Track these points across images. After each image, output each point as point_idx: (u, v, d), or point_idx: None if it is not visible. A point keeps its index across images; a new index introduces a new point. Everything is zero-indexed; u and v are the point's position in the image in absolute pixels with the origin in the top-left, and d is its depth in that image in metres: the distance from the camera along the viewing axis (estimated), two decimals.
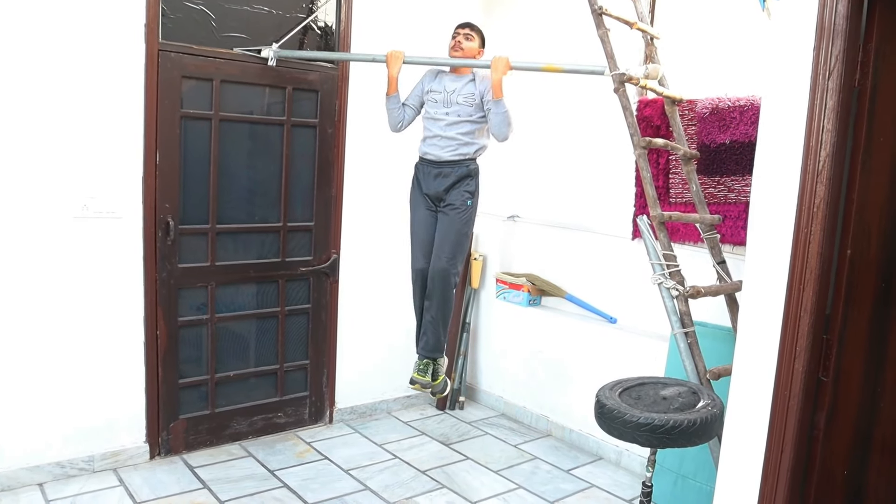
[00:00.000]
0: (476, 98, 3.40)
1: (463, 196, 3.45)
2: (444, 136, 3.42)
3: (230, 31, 3.62)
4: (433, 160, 3.46)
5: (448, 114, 3.42)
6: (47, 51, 3.09)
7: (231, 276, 3.82)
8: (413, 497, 3.45)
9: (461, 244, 3.49)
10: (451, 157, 3.42)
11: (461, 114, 3.41)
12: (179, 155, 3.53)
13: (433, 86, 3.50)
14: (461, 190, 3.45)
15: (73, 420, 3.38)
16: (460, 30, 3.52)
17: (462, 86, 3.43)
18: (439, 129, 3.43)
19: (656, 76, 3.23)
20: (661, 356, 3.60)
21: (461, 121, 3.41)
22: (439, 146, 3.43)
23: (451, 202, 3.44)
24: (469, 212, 3.48)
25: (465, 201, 3.46)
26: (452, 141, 3.41)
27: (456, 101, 3.42)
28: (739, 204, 3.32)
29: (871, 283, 2.03)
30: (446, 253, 3.43)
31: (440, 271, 3.43)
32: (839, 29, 1.88)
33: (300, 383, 4.18)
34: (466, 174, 3.45)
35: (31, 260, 3.17)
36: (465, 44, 3.48)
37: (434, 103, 3.47)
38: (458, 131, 3.41)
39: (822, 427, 2.04)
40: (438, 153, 3.44)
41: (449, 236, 3.44)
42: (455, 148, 3.41)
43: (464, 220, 3.46)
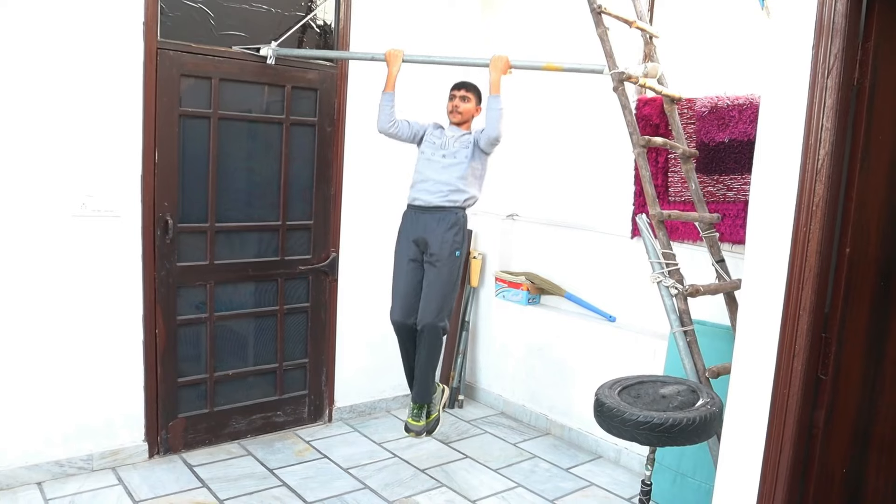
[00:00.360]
0: (471, 140, 3.44)
1: (451, 247, 3.44)
2: (436, 178, 3.42)
3: (229, 29, 3.62)
4: (422, 205, 3.45)
5: (444, 156, 3.44)
6: (46, 49, 3.09)
7: (230, 274, 3.82)
8: (412, 496, 3.45)
9: (449, 298, 3.50)
10: (441, 203, 3.42)
11: (457, 156, 3.43)
12: (178, 153, 3.53)
13: (435, 133, 3.53)
14: (449, 240, 3.42)
15: (71, 419, 3.37)
16: (456, 91, 3.54)
17: (460, 135, 3.48)
18: (433, 172, 3.44)
19: (655, 75, 3.23)
20: (661, 354, 3.60)
21: (456, 163, 3.42)
22: (430, 191, 3.43)
23: (438, 253, 3.42)
24: (457, 264, 3.49)
25: (452, 252, 3.45)
26: (444, 186, 3.41)
27: (452, 144, 3.45)
28: (738, 202, 3.32)
29: (870, 281, 2.03)
30: (434, 308, 3.44)
31: (429, 327, 3.44)
32: (838, 27, 1.88)
33: (299, 382, 4.18)
34: (454, 222, 3.44)
35: (29, 258, 3.17)
36: (463, 106, 3.50)
37: (432, 145, 3.49)
38: (451, 175, 3.42)
39: (821, 425, 2.04)
40: (428, 198, 3.43)
41: (436, 291, 3.44)
42: (445, 193, 3.41)
43: (451, 273, 3.47)
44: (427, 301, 3.45)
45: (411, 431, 3.57)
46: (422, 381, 3.54)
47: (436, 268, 3.42)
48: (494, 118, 3.33)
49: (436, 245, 3.41)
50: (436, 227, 3.41)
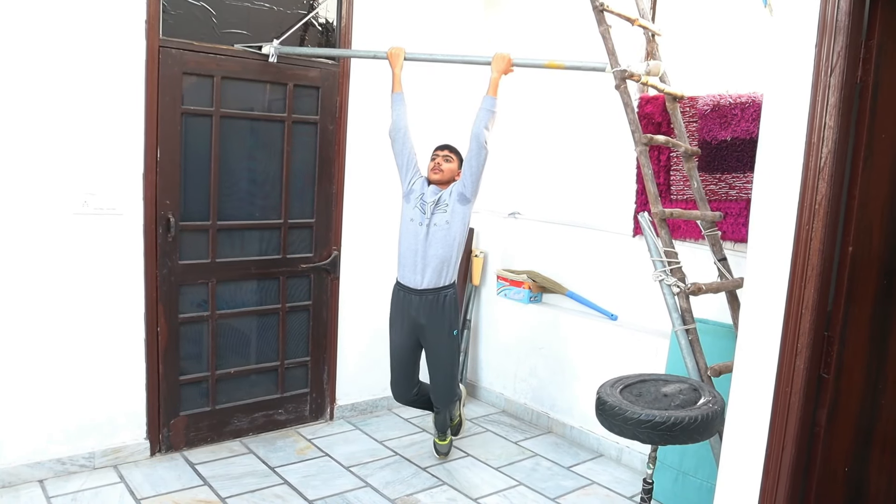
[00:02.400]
0: (451, 195, 3.47)
1: (448, 329, 3.54)
2: (424, 263, 3.46)
3: (231, 27, 3.62)
4: (413, 287, 3.51)
5: (425, 224, 3.46)
6: (49, 47, 3.09)
7: (232, 272, 3.82)
8: (414, 494, 3.45)
9: (455, 369, 3.66)
10: (430, 286, 3.48)
11: (437, 223, 3.45)
12: (180, 151, 3.53)
13: (424, 188, 3.54)
14: (445, 323, 3.52)
15: (73, 417, 3.38)
16: (439, 152, 3.61)
17: (438, 197, 3.50)
18: (416, 243, 3.47)
19: (658, 73, 3.23)
20: (662, 353, 3.60)
21: (437, 231, 3.44)
22: (419, 272, 3.48)
23: (437, 338, 3.53)
24: (455, 342, 3.61)
25: (450, 332, 3.55)
26: (432, 270, 3.46)
27: (433, 210, 3.47)
28: (741, 201, 3.32)
29: (872, 279, 2.03)
30: (446, 390, 3.62)
31: (445, 401, 3.65)
32: (841, 25, 1.87)
33: (301, 380, 4.18)
34: (444, 302, 3.51)
35: (31, 256, 3.17)
36: (445, 165, 3.55)
37: (417, 210, 3.50)
38: (438, 253, 3.45)
39: (824, 424, 2.04)
40: (419, 280, 3.49)
41: (444, 375, 3.60)
42: (435, 277, 3.47)
43: (452, 352, 3.61)
44: (437, 386, 3.62)
45: (440, 454, 3.80)
46: (441, 422, 3.75)
47: (437, 353, 3.56)
48: (484, 117, 3.32)
49: (432, 331, 3.53)
50: (429, 311, 3.51)
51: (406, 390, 3.69)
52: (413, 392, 3.70)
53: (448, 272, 3.50)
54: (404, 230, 3.54)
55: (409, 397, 3.72)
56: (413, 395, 3.71)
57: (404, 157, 3.54)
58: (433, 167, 3.55)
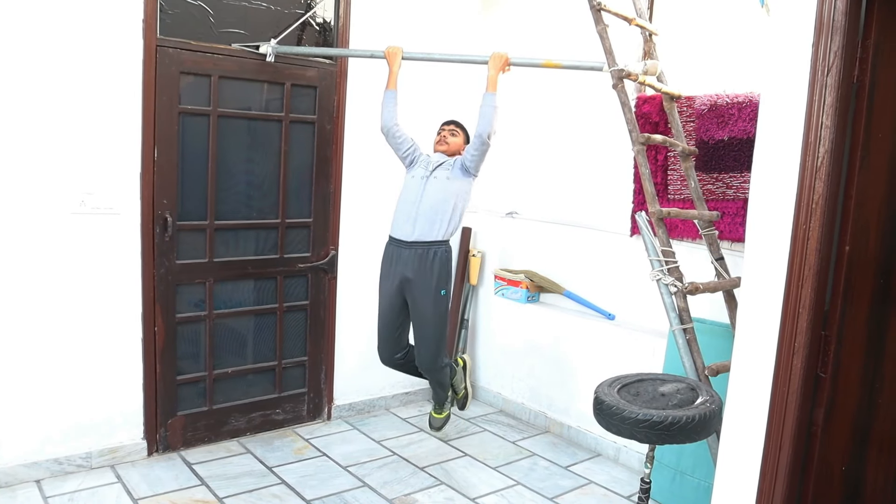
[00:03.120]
0: (453, 162, 3.48)
1: (435, 287, 3.47)
2: (417, 211, 3.43)
3: (228, 26, 3.61)
4: (402, 240, 3.47)
5: (425, 178, 3.46)
6: (45, 46, 3.09)
7: (229, 272, 3.81)
8: (412, 493, 3.45)
9: (442, 337, 3.57)
10: (419, 238, 3.43)
11: (439, 178, 3.45)
12: (177, 151, 3.52)
13: (423, 157, 3.56)
14: (432, 280, 3.45)
15: (70, 417, 3.37)
16: (446, 126, 3.62)
17: (444, 160, 3.51)
18: (411, 206, 3.45)
19: (655, 72, 3.23)
20: (660, 352, 3.60)
21: (437, 188, 3.43)
22: (411, 223, 3.44)
23: (423, 297, 3.46)
24: (444, 302, 3.53)
25: (437, 292, 3.48)
26: (425, 219, 3.42)
27: (435, 168, 3.48)
28: (738, 200, 3.32)
29: (869, 279, 2.03)
30: (429, 353, 3.53)
31: (428, 370, 3.58)
32: (838, 25, 1.88)
33: (298, 380, 4.18)
34: (435, 258, 3.46)
35: (28, 255, 3.17)
36: (451, 139, 3.57)
37: (419, 168, 3.51)
38: (431, 201, 3.43)
39: (821, 423, 2.04)
40: (410, 231, 3.45)
41: (428, 336, 3.51)
42: (427, 227, 3.43)
43: (439, 313, 3.52)
44: (420, 347, 3.54)
45: (433, 427, 3.81)
46: (438, 394, 3.75)
47: (423, 313, 3.49)
48: (487, 114, 3.33)
49: (419, 287, 3.45)
50: (417, 266, 3.44)
51: (391, 352, 3.61)
52: (398, 356, 3.61)
53: (441, 225, 3.44)
54: (404, 187, 3.54)
55: (394, 361, 3.64)
56: (398, 358, 3.61)
57: (404, 147, 3.55)
58: (439, 140, 3.57)
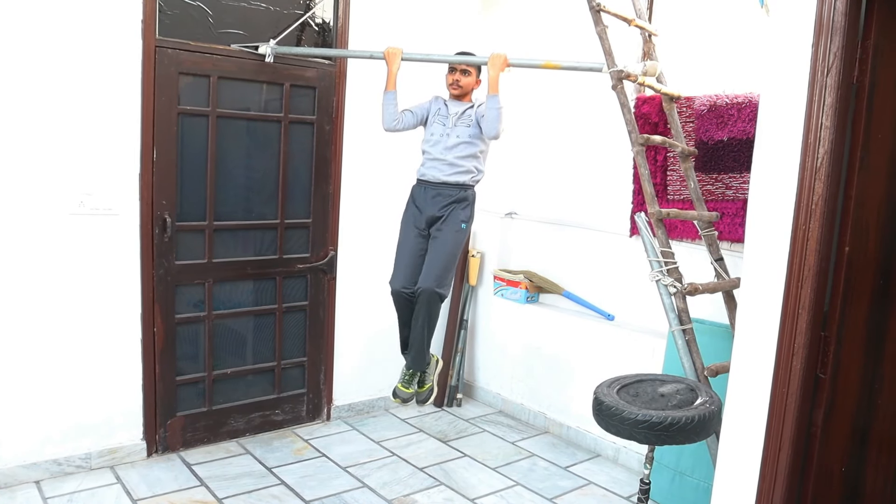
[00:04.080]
0: (473, 119, 3.43)
1: (458, 220, 3.45)
2: (443, 159, 3.43)
3: (227, 27, 3.61)
4: (431, 181, 3.46)
5: (449, 135, 3.44)
6: (45, 47, 3.08)
7: (228, 272, 3.81)
8: (411, 494, 3.45)
9: (450, 267, 3.49)
10: (450, 180, 3.43)
11: (461, 135, 3.42)
12: (176, 151, 3.52)
13: (439, 108, 3.53)
14: (456, 214, 3.45)
15: (69, 417, 3.37)
16: (456, 65, 3.54)
17: (463, 110, 3.47)
18: (439, 153, 3.43)
19: (654, 73, 3.23)
20: (659, 353, 3.60)
21: (460, 142, 3.42)
22: (438, 168, 3.44)
23: (444, 225, 3.44)
24: (461, 235, 3.49)
25: (459, 224, 3.46)
26: (451, 166, 3.42)
27: (457, 123, 3.45)
28: (737, 201, 3.32)
29: (868, 279, 2.03)
30: (435, 274, 3.43)
31: (428, 293, 3.42)
32: (837, 26, 1.88)
33: (298, 380, 4.18)
34: (463, 198, 3.45)
35: (27, 256, 3.16)
36: (463, 79, 3.50)
37: (437, 125, 3.49)
38: (458, 154, 3.42)
39: (820, 424, 2.04)
40: (437, 175, 3.44)
41: (440, 257, 3.44)
42: (453, 172, 3.42)
43: (456, 242, 3.46)
44: (429, 268, 3.43)
45: (397, 398, 3.56)
46: (417, 347, 3.51)
47: (441, 237, 3.43)
48: (493, 117, 3.32)
49: (442, 219, 3.43)
50: (444, 203, 3.43)
51: (403, 281, 3.47)
52: (407, 290, 3.48)
53: (469, 172, 3.44)
54: (426, 139, 3.51)
55: (402, 294, 3.49)
56: (406, 291, 3.48)
57: (409, 123, 3.53)
58: (452, 83, 3.51)
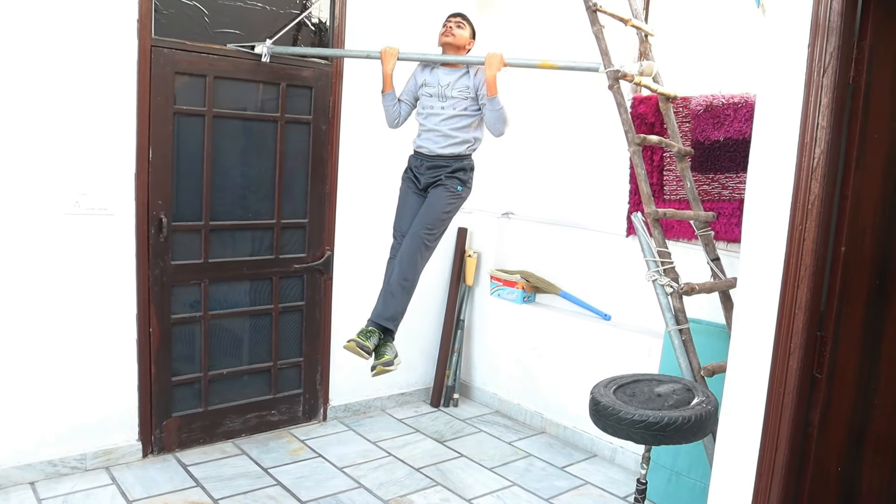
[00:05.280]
0: (471, 91, 3.36)
1: (455, 182, 3.39)
2: (439, 131, 3.37)
3: (223, 26, 3.60)
4: (427, 154, 3.40)
5: (444, 108, 3.36)
6: (39, 46, 3.07)
7: (224, 273, 3.80)
8: (407, 495, 3.45)
9: (442, 221, 3.41)
10: (446, 153, 3.38)
11: (456, 107, 3.36)
12: (172, 151, 3.51)
13: (427, 79, 3.44)
14: (454, 176, 3.38)
15: (64, 418, 3.36)
16: (452, 18, 3.48)
17: (456, 79, 3.38)
18: (434, 125, 3.38)
19: (651, 73, 3.22)
20: (656, 353, 3.60)
21: (456, 114, 3.36)
22: (433, 140, 3.39)
23: (441, 183, 3.38)
24: (457, 196, 3.41)
25: (455, 186, 3.40)
26: (447, 137, 3.37)
27: (451, 94, 3.36)
28: (734, 201, 3.32)
29: (865, 279, 2.03)
30: (426, 223, 3.35)
31: (414, 235, 3.34)
32: (834, 26, 1.88)
33: (294, 381, 4.17)
34: (460, 168, 3.40)
35: (22, 257, 3.15)
36: (457, 31, 3.41)
37: (429, 97, 3.41)
38: (453, 126, 3.37)
39: (817, 424, 2.04)
40: (433, 147, 3.38)
41: (432, 210, 3.36)
42: (450, 144, 3.37)
43: (450, 201, 3.38)
44: (421, 217, 3.36)
45: (351, 343, 3.33)
46: (388, 299, 3.35)
47: (435, 196, 3.37)
48: (497, 118, 3.28)
49: (439, 180, 3.37)
50: (442, 171, 3.38)
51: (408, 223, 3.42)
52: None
53: (466, 146, 3.39)
54: (420, 112, 3.46)
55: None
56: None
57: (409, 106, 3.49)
58: (445, 31, 3.44)
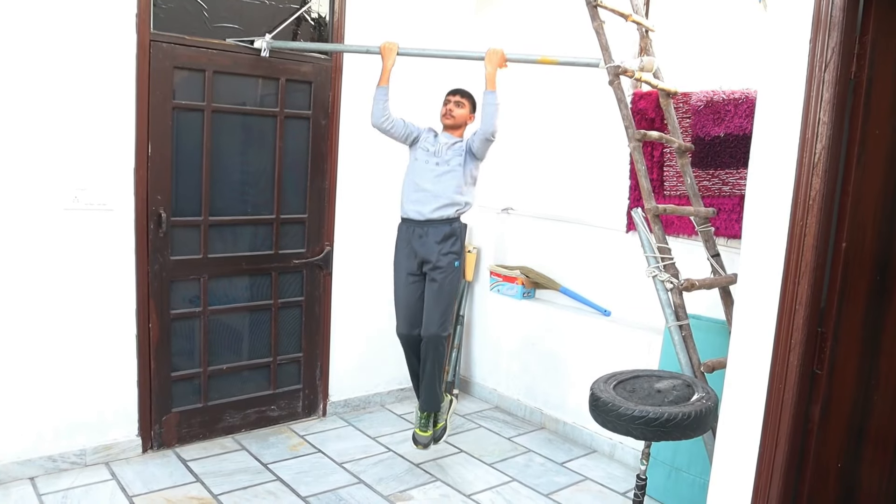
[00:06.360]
0: (464, 148, 3.43)
1: (449, 258, 3.46)
2: (429, 189, 3.40)
3: (222, 21, 3.59)
4: (417, 219, 3.44)
5: (438, 164, 3.42)
6: (38, 41, 3.06)
7: (224, 268, 3.80)
8: (407, 490, 3.45)
9: (450, 307, 3.54)
10: (435, 216, 3.41)
11: (450, 163, 3.42)
12: (171, 146, 3.50)
13: (429, 138, 3.51)
14: (447, 251, 3.45)
15: (64, 414, 3.36)
16: (451, 97, 3.54)
17: (452, 143, 3.46)
18: (425, 181, 3.41)
19: (651, 69, 3.22)
20: (656, 349, 3.60)
21: (448, 171, 3.41)
22: (423, 202, 3.42)
23: (437, 265, 3.44)
24: (456, 273, 3.51)
25: (451, 263, 3.47)
26: (437, 198, 3.40)
27: (445, 152, 3.44)
28: (734, 197, 3.32)
29: (865, 275, 2.03)
30: (437, 320, 3.48)
31: (433, 339, 3.49)
32: (836, 21, 1.87)
33: (293, 376, 4.17)
34: (451, 233, 3.45)
35: (21, 252, 3.14)
36: (457, 111, 3.50)
37: (425, 151, 3.46)
38: (445, 185, 3.40)
39: (817, 420, 2.04)
40: (421, 210, 3.42)
41: (439, 303, 3.48)
42: (439, 206, 3.40)
43: (452, 282, 3.50)
44: (430, 313, 3.50)
45: (419, 444, 3.61)
46: (429, 390, 3.58)
47: (437, 281, 3.46)
48: (490, 113, 3.31)
49: (434, 259, 3.44)
50: (433, 241, 3.43)
51: (411, 325, 3.53)
52: (417, 330, 3.53)
53: (455, 205, 3.42)
54: (411, 169, 3.50)
55: (413, 334, 3.54)
56: (417, 333, 3.53)
57: (400, 130, 3.50)
58: (445, 112, 3.51)
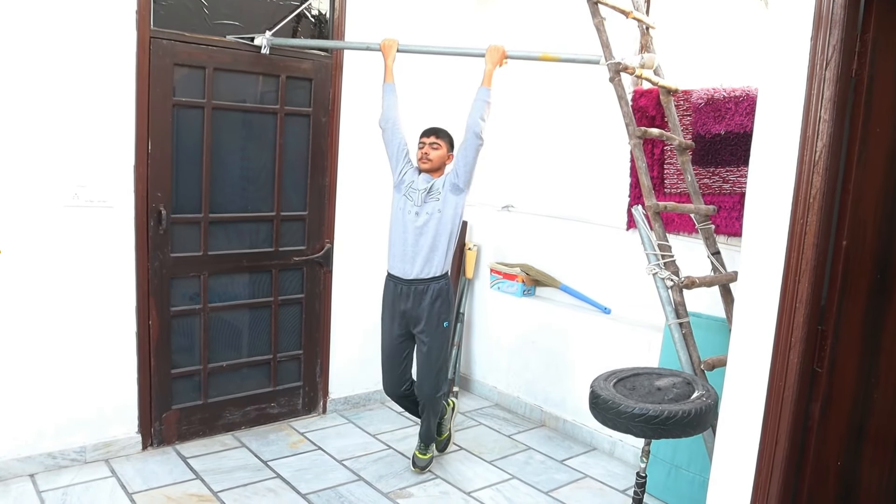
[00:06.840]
0: (442, 184, 3.37)
1: (437, 320, 3.45)
2: (413, 248, 3.38)
3: (223, 18, 3.59)
4: (403, 278, 3.43)
5: (417, 214, 3.37)
6: (38, 38, 3.05)
7: (224, 265, 3.80)
8: (407, 487, 3.45)
9: (443, 369, 3.55)
10: (421, 276, 3.40)
11: (430, 211, 3.36)
12: (171, 143, 3.50)
13: (414, 176, 3.44)
14: (434, 313, 3.44)
15: (64, 411, 3.36)
16: (425, 139, 3.45)
17: (430, 185, 3.39)
18: (410, 235, 3.38)
19: (652, 66, 3.21)
20: (656, 347, 3.60)
21: (428, 221, 3.36)
22: (407, 260, 3.40)
23: (426, 328, 3.44)
24: (445, 333, 3.51)
25: (440, 324, 3.47)
26: (419, 256, 3.38)
27: (424, 199, 3.37)
28: (734, 195, 3.32)
29: (866, 273, 2.03)
30: (431, 383, 3.51)
31: (428, 398, 3.53)
32: (837, 19, 1.87)
33: (293, 373, 4.17)
34: (437, 293, 3.43)
35: (21, 249, 3.14)
36: (433, 153, 3.41)
37: (407, 200, 3.40)
38: (425, 240, 3.36)
39: (817, 418, 2.04)
40: (407, 269, 3.41)
41: (430, 367, 3.49)
42: (423, 266, 3.39)
43: (443, 344, 3.50)
44: (423, 377, 3.52)
45: (417, 467, 3.62)
46: (426, 429, 3.63)
47: (425, 344, 3.48)
48: (479, 108, 3.27)
49: (422, 321, 3.44)
50: (419, 302, 3.42)
51: (397, 385, 3.59)
52: (403, 388, 3.61)
53: (439, 262, 3.40)
54: (395, 219, 3.46)
55: (400, 393, 3.63)
56: (403, 391, 3.61)
57: (394, 147, 3.46)
58: (421, 157, 3.43)
